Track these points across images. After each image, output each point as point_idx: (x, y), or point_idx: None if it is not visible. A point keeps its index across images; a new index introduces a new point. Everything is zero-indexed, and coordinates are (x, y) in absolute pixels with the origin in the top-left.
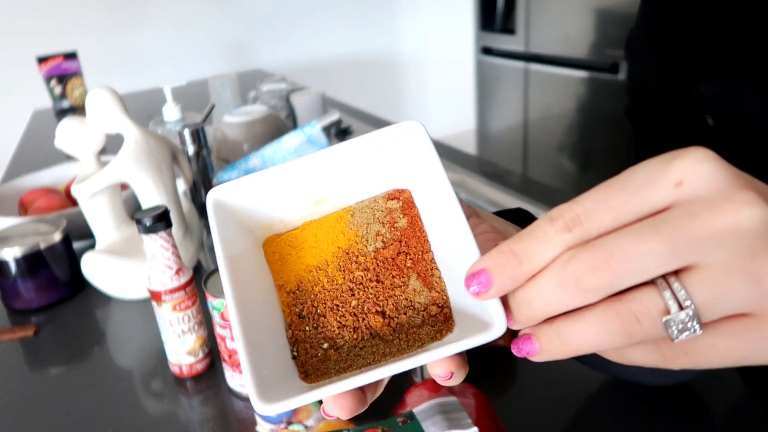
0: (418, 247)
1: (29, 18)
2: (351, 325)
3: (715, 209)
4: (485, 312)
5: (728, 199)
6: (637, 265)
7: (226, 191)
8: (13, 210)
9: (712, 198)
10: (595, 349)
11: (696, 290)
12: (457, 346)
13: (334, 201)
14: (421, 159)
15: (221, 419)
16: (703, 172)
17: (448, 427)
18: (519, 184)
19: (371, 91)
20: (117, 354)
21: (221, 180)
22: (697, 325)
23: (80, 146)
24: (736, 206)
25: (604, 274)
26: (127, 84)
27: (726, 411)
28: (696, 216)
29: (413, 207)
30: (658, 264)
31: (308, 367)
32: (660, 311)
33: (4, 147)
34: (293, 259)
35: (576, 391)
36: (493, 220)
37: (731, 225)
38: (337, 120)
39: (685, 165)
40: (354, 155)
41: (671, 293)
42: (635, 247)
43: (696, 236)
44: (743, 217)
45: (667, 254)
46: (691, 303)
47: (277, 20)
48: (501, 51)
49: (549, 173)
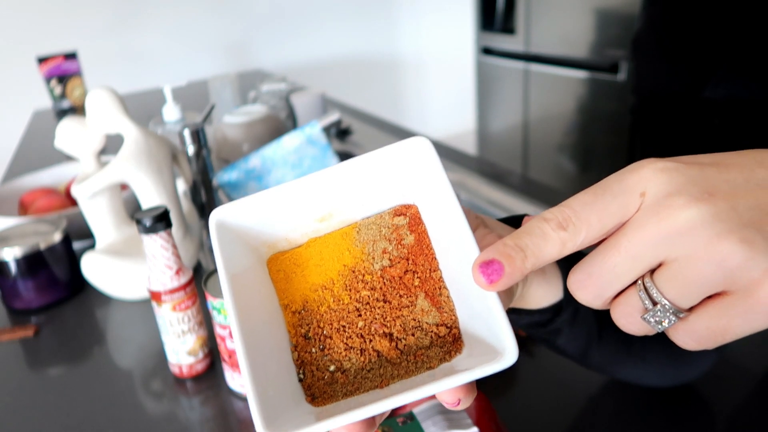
0: (426, 265)
1: (29, 18)
2: (358, 347)
3: (660, 216)
4: (494, 336)
5: (668, 206)
6: (611, 277)
7: (229, 211)
8: (13, 210)
9: (659, 206)
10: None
11: (666, 284)
12: (468, 375)
13: (339, 217)
14: (427, 175)
15: (221, 419)
16: (657, 183)
17: (448, 427)
18: (519, 184)
19: (371, 91)
20: (117, 354)
21: (221, 180)
22: (672, 317)
23: (80, 146)
24: (674, 211)
25: (588, 290)
26: (127, 84)
27: (727, 412)
28: (645, 225)
29: (420, 223)
30: (625, 272)
31: (315, 390)
32: (639, 310)
33: (4, 147)
34: (298, 278)
35: (576, 392)
36: (499, 228)
37: (675, 227)
38: (337, 120)
39: (644, 177)
40: (360, 171)
41: (644, 292)
42: (604, 263)
43: (648, 242)
44: (681, 219)
45: (629, 263)
46: (662, 298)
47: (277, 20)
48: (501, 51)
49: (549, 173)
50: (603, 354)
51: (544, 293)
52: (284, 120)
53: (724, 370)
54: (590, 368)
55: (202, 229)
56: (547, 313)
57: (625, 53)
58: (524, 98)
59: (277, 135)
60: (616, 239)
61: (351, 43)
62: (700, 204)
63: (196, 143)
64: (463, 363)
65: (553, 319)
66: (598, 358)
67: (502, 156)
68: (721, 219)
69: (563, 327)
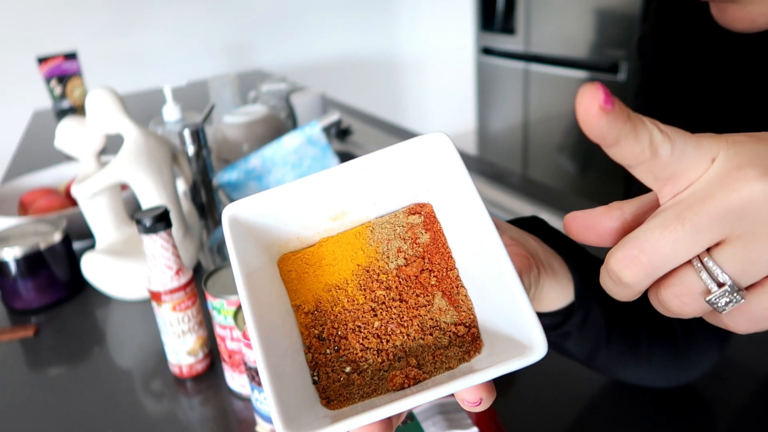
0: (442, 263)
1: (29, 18)
2: (375, 347)
3: (729, 188)
4: (519, 331)
5: (739, 177)
6: (668, 254)
7: (242, 207)
8: (13, 210)
9: (729, 177)
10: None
11: (729, 263)
12: (495, 371)
13: (352, 216)
14: (446, 172)
15: (221, 419)
16: (729, 153)
17: (448, 427)
18: (519, 184)
19: (371, 91)
20: (117, 354)
21: (221, 180)
22: (738, 296)
23: (80, 146)
24: (745, 183)
25: (639, 267)
26: (127, 84)
27: (728, 412)
28: (713, 196)
29: (435, 222)
30: (687, 248)
31: (330, 393)
32: (702, 291)
33: (4, 147)
34: (311, 278)
35: (577, 393)
36: (511, 230)
37: (743, 199)
38: (337, 120)
39: (717, 143)
40: (375, 168)
41: (707, 274)
42: (662, 238)
43: (715, 215)
44: (753, 191)
45: (692, 238)
46: (727, 278)
47: (277, 20)
48: (501, 51)
49: (549, 173)
50: (609, 356)
51: (557, 296)
52: (284, 120)
53: (725, 371)
54: (595, 370)
55: (202, 229)
56: (558, 316)
57: (625, 53)
58: (524, 98)
59: (277, 135)
60: (678, 210)
61: (351, 43)
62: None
63: (196, 143)
64: (484, 362)
65: (564, 322)
66: (605, 361)
67: (502, 156)
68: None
69: (573, 330)
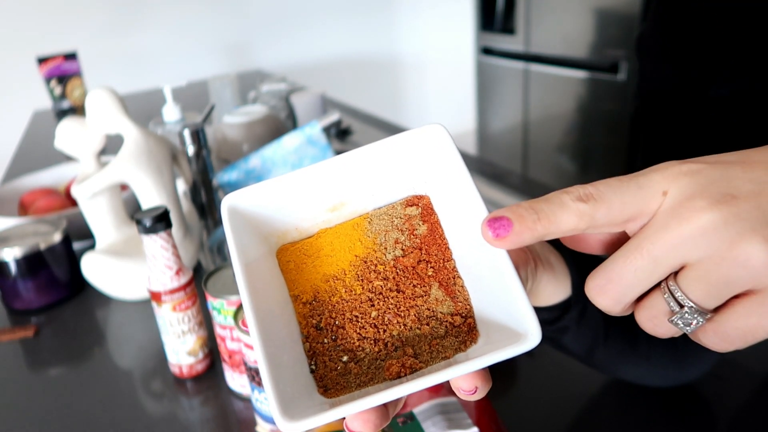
0: (439, 255)
1: (29, 18)
2: (372, 337)
3: (681, 219)
4: (514, 321)
5: (689, 208)
6: (631, 281)
7: (241, 197)
8: (13, 210)
9: (681, 208)
10: None
11: (690, 286)
12: (490, 358)
13: (350, 207)
14: (444, 164)
15: (221, 419)
16: (679, 185)
17: (448, 427)
18: (519, 184)
19: (371, 91)
20: (117, 354)
21: (221, 180)
22: (699, 317)
23: (80, 147)
24: (695, 213)
25: (608, 295)
26: (127, 84)
27: (727, 412)
28: (667, 227)
29: (433, 214)
30: (647, 275)
31: (327, 382)
32: (665, 312)
33: (4, 147)
34: (309, 269)
35: (577, 392)
36: None
37: (697, 229)
38: (337, 120)
39: (667, 177)
40: (373, 160)
41: (670, 295)
42: (625, 267)
43: (671, 245)
44: (702, 221)
45: (650, 266)
46: (687, 300)
47: (277, 20)
48: (501, 51)
49: (549, 173)
50: (608, 353)
51: (553, 290)
52: (284, 120)
53: (725, 371)
54: (593, 367)
55: (202, 229)
56: (555, 311)
57: (625, 53)
58: (524, 98)
59: (277, 135)
60: (638, 242)
61: (351, 43)
62: (722, 206)
63: (196, 143)
64: (480, 351)
65: (561, 316)
66: (603, 357)
67: (502, 156)
68: (744, 218)
69: (570, 325)
